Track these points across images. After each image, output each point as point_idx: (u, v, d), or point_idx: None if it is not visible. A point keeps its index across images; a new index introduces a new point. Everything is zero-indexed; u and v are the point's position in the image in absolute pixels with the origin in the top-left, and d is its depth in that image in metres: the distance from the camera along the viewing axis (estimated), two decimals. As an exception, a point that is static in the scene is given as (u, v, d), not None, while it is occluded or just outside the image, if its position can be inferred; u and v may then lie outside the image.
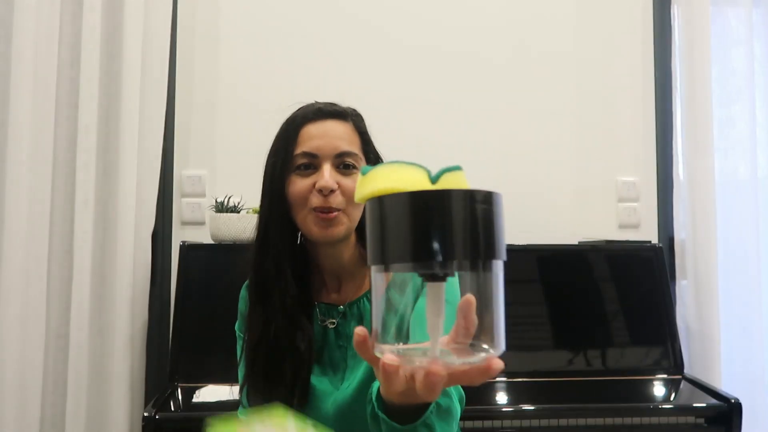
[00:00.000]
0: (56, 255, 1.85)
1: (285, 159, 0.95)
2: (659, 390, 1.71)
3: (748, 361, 2.06)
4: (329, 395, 0.94)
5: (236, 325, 1.05)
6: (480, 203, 0.46)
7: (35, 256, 1.79)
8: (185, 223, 2.04)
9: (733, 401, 1.53)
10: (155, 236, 1.93)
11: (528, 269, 1.83)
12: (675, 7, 2.14)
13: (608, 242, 1.93)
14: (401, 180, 0.49)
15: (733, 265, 2.08)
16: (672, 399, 1.66)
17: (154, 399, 1.54)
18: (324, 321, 0.99)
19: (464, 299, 0.49)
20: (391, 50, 2.12)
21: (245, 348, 0.98)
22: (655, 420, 1.52)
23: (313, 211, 0.92)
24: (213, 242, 1.82)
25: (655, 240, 2.13)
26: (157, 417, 1.42)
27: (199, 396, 1.54)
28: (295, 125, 0.96)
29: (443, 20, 2.15)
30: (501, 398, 1.62)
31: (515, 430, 1.49)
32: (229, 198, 1.83)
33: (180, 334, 1.68)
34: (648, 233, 2.15)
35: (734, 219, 2.10)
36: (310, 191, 0.93)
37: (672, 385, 1.72)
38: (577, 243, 2.01)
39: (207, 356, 1.64)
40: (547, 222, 2.12)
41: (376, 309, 0.50)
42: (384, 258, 0.47)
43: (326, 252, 0.99)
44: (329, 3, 2.12)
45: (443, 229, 0.45)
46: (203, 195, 2.04)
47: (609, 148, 2.18)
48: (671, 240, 2.13)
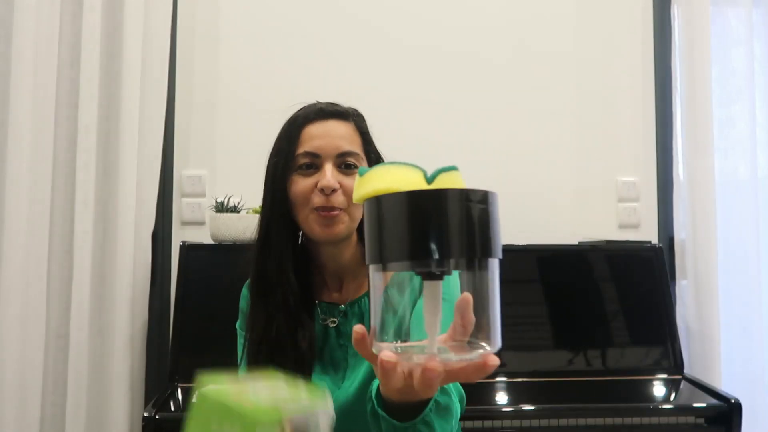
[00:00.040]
0: (56, 255, 1.85)
1: (287, 159, 0.95)
2: (659, 390, 1.71)
3: (748, 361, 2.06)
4: (330, 394, 0.94)
5: (237, 324, 1.06)
6: (476, 202, 0.47)
7: (35, 256, 1.79)
8: (185, 223, 2.04)
9: (733, 401, 1.53)
10: (155, 236, 1.93)
11: (528, 269, 1.83)
12: (675, 7, 2.14)
13: (608, 242, 1.93)
14: (398, 180, 0.50)
15: (733, 265, 2.08)
16: (672, 399, 1.66)
17: (154, 399, 1.54)
18: (325, 320, 1.00)
19: (461, 297, 0.49)
20: (391, 50, 2.12)
21: (247, 346, 0.98)
22: (655, 420, 1.52)
23: (315, 211, 0.93)
24: (213, 242, 1.82)
25: (655, 240, 2.13)
26: (157, 417, 1.42)
27: (199, 396, 1.53)
28: (297, 125, 0.97)
29: (443, 20, 2.15)
30: (501, 398, 1.62)
31: (515, 430, 1.49)
32: (229, 198, 1.83)
33: (180, 334, 1.69)
34: (648, 233, 2.15)
35: (734, 219, 2.10)
36: (312, 191, 0.93)
37: (672, 385, 1.72)
38: (577, 243, 2.01)
39: (207, 356, 1.63)
40: (547, 222, 2.12)
41: (375, 307, 0.50)
42: (381, 257, 0.48)
43: (328, 251, 0.99)
44: (329, 3, 2.12)
45: (439, 228, 0.46)
46: (203, 195, 2.04)
47: (609, 148, 2.18)
48: (671, 240, 2.13)
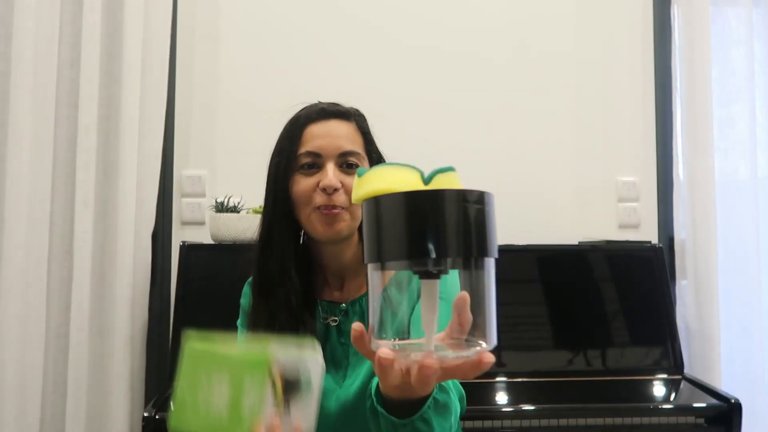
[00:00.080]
0: (56, 255, 1.85)
1: (289, 158, 0.96)
2: (659, 390, 1.71)
3: (748, 361, 2.06)
4: (332, 392, 0.95)
5: (238, 321, 1.06)
6: (472, 203, 0.47)
7: (35, 256, 1.79)
8: (185, 223, 2.04)
9: (733, 401, 1.53)
10: (155, 236, 1.93)
11: (528, 269, 1.83)
12: (675, 7, 2.14)
13: (608, 242, 1.93)
14: (395, 181, 0.51)
15: (733, 265, 2.08)
16: (672, 399, 1.66)
17: (154, 399, 1.54)
18: (326, 318, 1.00)
19: (459, 296, 0.50)
20: (391, 50, 2.12)
21: None
22: (655, 420, 1.52)
23: (317, 209, 0.94)
24: (213, 242, 1.82)
25: (655, 240, 2.13)
26: (157, 417, 1.42)
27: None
28: (299, 125, 0.98)
29: (443, 20, 2.15)
30: (501, 398, 1.62)
31: (515, 430, 1.49)
32: (229, 198, 1.83)
33: (180, 334, 1.68)
34: (648, 233, 2.15)
35: (734, 219, 2.10)
36: (314, 190, 0.94)
37: (672, 385, 1.72)
38: (577, 243, 2.01)
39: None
40: (547, 222, 2.12)
41: (373, 306, 0.51)
42: (380, 256, 0.49)
43: (329, 250, 1.00)
44: (329, 3, 2.12)
45: (436, 228, 0.47)
46: (203, 195, 2.04)
47: (609, 148, 2.18)
48: (671, 240, 2.13)
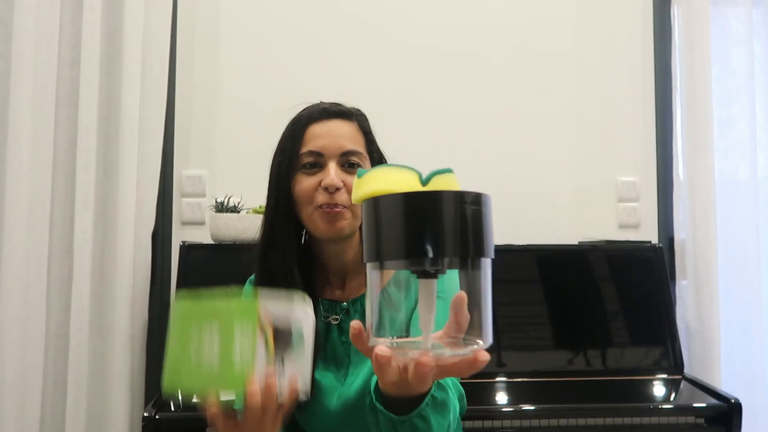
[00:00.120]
0: (56, 255, 1.85)
1: (291, 158, 0.97)
2: (659, 390, 1.71)
3: (748, 361, 2.06)
4: (334, 390, 0.96)
5: None
6: (469, 204, 0.49)
7: (35, 256, 1.79)
8: (185, 223, 2.04)
9: (733, 401, 1.53)
10: (155, 236, 1.93)
11: (528, 269, 1.83)
12: (675, 7, 2.14)
13: (608, 242, 1.93)
14: (394, 182, 0.52)
15: (733, 265, 2.08)
16: (672, 399, 1.66)
17: (154, 399, 1.53)
18: (327, 317, 1.01)
19: (456, 296, 0.51)
20: (391, 50, 2.12)
21: None
22: (655, 420, 1.52)
23: (319, 208, 0.95)
24: (213, 242, 1.82)
25: (655, 240, 2.13)
26: (157, 417, 1.42)
27: (199, 396, 1.53)
28: (301, 125, 0.99)
29: (443, 20, 2.15)
30: (501, 398, 1.62)
31: (515, 430, 1.49)
32: (229, 198, 1.84)
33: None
34: (648, 233, 2.15)
35: (734, 219, 2.10)
36: (316, 189, 0.95)
37: (672, 385, 1.72)
38: (577, 243, 2.01)
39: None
40: (547, 222, 2.12)
41: (372, 304, 0.52)
42: (378, 255, 0.50)
43: (331, 249, 1.01)
44: (329, 3, 2.12)
45: (434, 229, 0.48)
46: (203, 195, 2.04)
47: (609, 148, 2.18)
48: (671, 240, 2.13)
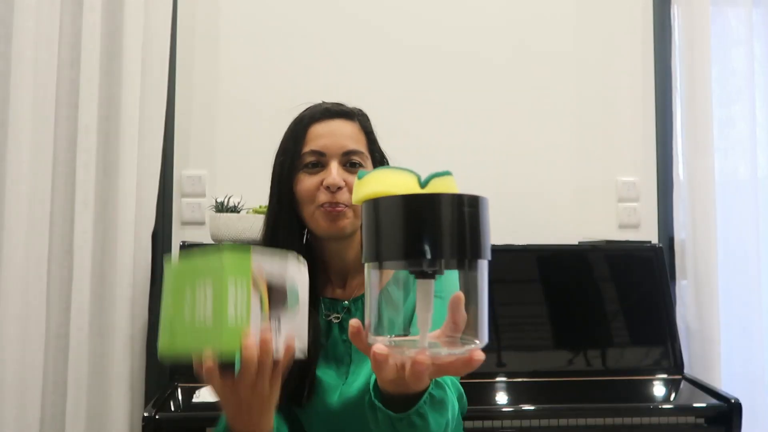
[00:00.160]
0: (56, 255, 1.85)
1: (293, 157, 0.98)
2: (659, 390, 1.71)
3: (748, 361, 2.06)
4: (335, 389, 0.96)
5: None
6: (467, 206, 0.50)
7: (35, 256, 1.79)
8: (185, 223, 2.04)
9: (733, 401, 1.53)
10: (155, 236, 1.93)
11: (528, 269, 1.83)
12: (675, 7, 2.14)
13: (608, 242, 1.93)
14: (393, 184, 0.53)
15: (733, 265, 2.08)
16: (672, 399, 1.66)
17: (154, 399, 1.53)
18: (329, 316, 1.01)
19: (454, 296, 0.52)
20: (391, 50, 2.12)
21: None
22: (655, 420, 1.52)
23: (321, 207, 0.95)
24: (213, 242, 1.82)
25: (655, 240, 2.13)
26: (157, 417, 1.42)
27: (199, 396, 1.53)
28: (303, 125, 1.00)
29: (443, 20, 2.15)
30: (501, 398, 1.62)
31: (515, 430, 1.49)
32: (229, 198, 1.83)
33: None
34: (648, 233, 2.15)
35: (734, 219, 2.10)
36: (318, 188, 0.96)
37: (672, 385, 1.72)
38: (577, 243, 2.01)
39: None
40: (547, 222, 2.12)
41: (371, 303, 0.53)
42: (377, 256, 0.51)
43: (333, 248, 1.01)
44: (329, 3, 2.12)
45: (432, 230, 0.49)
46: (203, 195, 2.04)
47: (609, 148, 2.18)
48: (671, 240, 2.13)
